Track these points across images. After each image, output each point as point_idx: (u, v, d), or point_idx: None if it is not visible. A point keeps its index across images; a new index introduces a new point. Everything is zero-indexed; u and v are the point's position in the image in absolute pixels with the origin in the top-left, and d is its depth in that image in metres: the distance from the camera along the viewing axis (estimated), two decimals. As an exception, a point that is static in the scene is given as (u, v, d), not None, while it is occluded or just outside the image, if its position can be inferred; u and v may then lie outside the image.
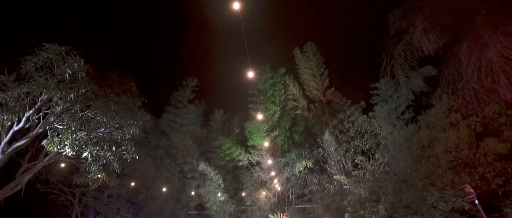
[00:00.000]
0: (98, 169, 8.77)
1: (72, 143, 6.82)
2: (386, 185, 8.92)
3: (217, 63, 18.86)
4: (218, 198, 13.07)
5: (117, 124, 8.63)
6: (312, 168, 14.18)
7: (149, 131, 15.09)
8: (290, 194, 14.22)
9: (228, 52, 17.82)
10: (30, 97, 6.85)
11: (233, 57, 15.30)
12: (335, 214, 12.14)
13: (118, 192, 14.10)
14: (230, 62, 17.42)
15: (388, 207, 8.62)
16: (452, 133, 6.95)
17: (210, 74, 19.50)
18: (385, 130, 12.93)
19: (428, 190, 6.86)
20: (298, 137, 15.15)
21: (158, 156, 14.47)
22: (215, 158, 14.47)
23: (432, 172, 7.05)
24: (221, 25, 13.75)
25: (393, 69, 11.84)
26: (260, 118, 12.75)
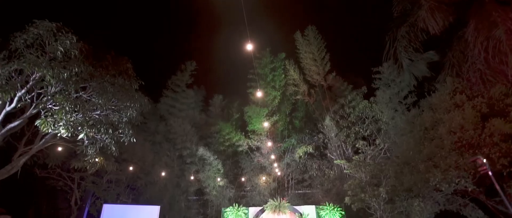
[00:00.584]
0: (95, 152, 8.63)
1: (66, 124, 6.64)
2: (387, 168, 8.79)
3: (216, 47, 18.54)
4: (218, 183, 13.01)
5: (113, 106, 8.43)
6: (312, 153, 14.09)
7: (148, 116, 14.92)
8: (290, 179, 14.17)
9: (228, 36, 17.47)
10: (22, 77, 6.64)
11: (232, 41, 14.99)
12: (335, 199, 12.10)
13: (117, 177, 14.04)
14: (229, 46, 17.10)
15: (389, 190, 8.53)
16: (457, 113, 6.76)
17: (210, 59, 19.21)
18: (386, 115, 12.76)
19: (430, 172, 6.72)
20: (298, 122, 15.00)
21: (157, 141, 14.33)
22: (214, 143, 14.35)
23: (435, 154, 6.90)
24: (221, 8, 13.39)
25: (396, 52, 11.54)
26: (260, 95, 12.46)
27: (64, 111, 6.40)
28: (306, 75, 14.69)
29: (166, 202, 13.25)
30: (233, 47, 15.67)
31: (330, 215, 11.14)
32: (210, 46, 19.60)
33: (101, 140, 8.56)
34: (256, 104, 13.58)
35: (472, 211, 8.02)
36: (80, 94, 7.66)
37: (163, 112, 14.65)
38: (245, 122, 14.25)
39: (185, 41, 20.55)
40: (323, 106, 14.59)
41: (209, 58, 19.41)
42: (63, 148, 10.77)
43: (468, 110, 6.67)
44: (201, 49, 18.49)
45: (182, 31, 21.79)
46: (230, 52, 16.37)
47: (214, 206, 13.35)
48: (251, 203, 12.67)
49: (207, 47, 19.32)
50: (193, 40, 19.25)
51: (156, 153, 13.89)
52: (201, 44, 19.13)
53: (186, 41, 18.87)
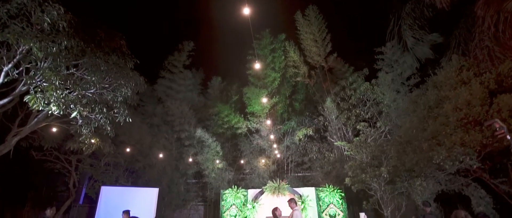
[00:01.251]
0: (90, 133, 8.41)
1: (57, 101, 6.37)
2: (389, 148, 8.62)
3: (215, 28, 18.06)
4: (216, 165, 12.89)
5: (107, 84, 8.16)
6: (312, 136, 13.92)
7: (145, 98, 14.69)
8: (289, 162, 14.07)
9: (227, 16, 16.96)
10: (9, 51, 6.33)
11: (231, 21, 14.51)
12: (335, 181, 12.01)
13: (115, 160, 13.94)
14: (228, 27, 16.63)
15: (391, 170, 8.38)
16: (464, 90, 6.50)
17: (208, 40, 18.76)
18: (388, 98, 12.53)
19: (434, 150, 6.52)
20: (298, 104, 14.75)
21: (155, 123, 14.13)
22: (213, 126, 14.15)
23: (439, 132, 6.68)
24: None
25: (400, 30, 11.18)
26: (258, 67, 12.11)
27: (54, 87, 6.11)
28: (306, 56, 14.32)
29: (165, 184, 13.19)
30: (232, 28, 15.23)
31: (330, 197, 11.08)
32: (208, 27, 19.09)
33: (96, 120, 8.32)
34: (255, 85, 13.28)
35: (474, 190, 7.88)
36: (72, 72, 7.38)
37: (160, 93, 14.36)
38: (244, 104, 13.99)
39: (182, 22, 19.99)
40: (324, 88, 14.32)
41: (208, 39, 18.95)
42: (58, 130, 10.55)
43: (476, 86, 6.40)
44: (199, 30, 18.00)
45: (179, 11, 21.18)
46: (229, 33, 15.92)
47: (213, 189, 13.29)
48: (251, 185, 12.59)
49: (205, 28, 18.80)
50: (190, 20, 18.70)
51: (154, 135, 13.71)
52: (199, 25, 18.58)
53: (183, 22, 18.34)
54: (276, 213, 6.13)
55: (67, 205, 12.89)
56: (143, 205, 11.36)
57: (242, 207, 11.21)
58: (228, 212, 11.31)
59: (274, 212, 6.16)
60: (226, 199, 11.57)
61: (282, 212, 6.30)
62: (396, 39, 11.96)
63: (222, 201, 11.60)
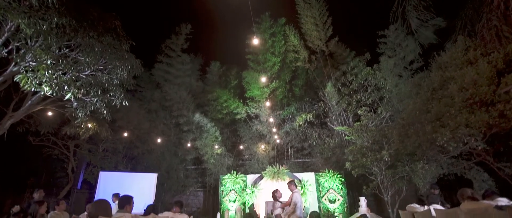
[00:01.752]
0: (85, 116, 8.24)
1: (49, 81, 6.16)
2: (390, 132, 8.45)
3: (213, 11, 17.63)
4: (215, 151, 12.77)
5: (102, 66, 7.93)
6: (312, 121, 13.76)
7: (143, 84, 14.46)
8: (289, 148, 13.96)
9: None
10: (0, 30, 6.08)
11: (230, 3, 14.11)
12: (335, 166, 11.92)
13: (114, 146, 13.86)
14: (227, 10, 16.22)
15: (392, 153, 8.24)
16: (470, 70, 6.27)
17: (206, 25, 18.36)
18: (390, 83, 12.30)
19: (438, 132, 6.35)
20: (298, 90, 14.52)
21: (153, 109, 13.94)
22: (212, 111, 13.96)
23: (443, 113, 6.49)
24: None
25: (404, 11, 10.81)
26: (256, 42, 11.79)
27: (45, 66, 5.89)
28: (307, 41, 13.99)
29: (164, 170, 13.12)
30: (231, 11, 14.84)
31: (330, 182, 11.00)
32: (206, 10, 18.65)
33: (91, 103, 8.15)
34: (255, 70, 13.02)
35: (476, 174, 7.78)
36: (65, 52, 7.13)
37: (158, 78, 14.10)
38: (243, 89, 13.76)
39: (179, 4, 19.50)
40: (324, 73, 14.05)
41: (206, 23, 18.54)
42: (55, 114, 10.39)
43: (483, 66, 6.16)
44: (197, 14, 17.55)
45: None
46: (228, 16, 15.53)
47: (212, 175, 13.23)
48: (250, 171, 12.52)
49: (203, 11, 18.35)
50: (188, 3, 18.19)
51: (152, 121, 13.55)
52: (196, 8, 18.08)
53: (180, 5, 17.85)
54: (276, 195, 6.04)
55: (66, 190, 12.88)
56: (142, 190, 11.31)
57: (241, 192, 11.16)
58: (227, 197, 11.27)
59: (274, 194, 6.07)
60: (225, 184, 11.51)
61: (282, 195, 6.21)
62: (399, 22, 11.60)
63: (221, 187, 11.54)
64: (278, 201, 5.97)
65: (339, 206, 10.57)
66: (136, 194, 8.86)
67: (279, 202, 5.98)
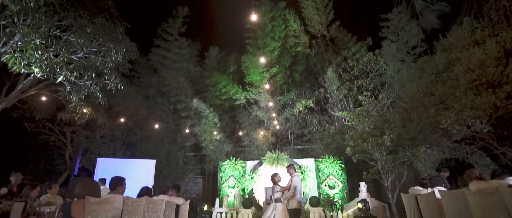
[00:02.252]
0: (79, 100, 8.03)
1: (39, 62, 5.91)
2: (392, 116, 8.26)
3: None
4: (214, 137, 12.62)
5: (95, 48, 7.66)
6: (312, 108, 13.58)
7: (140, 70, 14.20)
8: (289, 134, 13.82)
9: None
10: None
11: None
12: (335, 153, 11.80)
13: (111, 133, 13.72)
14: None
15: (394, 138, 8.08)
16: (478, 50, 6.02)
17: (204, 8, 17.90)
18: (392, 68, 12.03)
19: (442, 115, 6.15)
20: (298, 76, 14.25)
21: (150, 94, 13.71)
22: (210, 97, 13.74)
23: (448, 96, 6.28)
24: None
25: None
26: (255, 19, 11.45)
27: (33, 46, 5.63)
28: (307, 25, 13.64)
29: (162, 157, 13.00)
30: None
31: (330, 168, 10.91)
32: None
33: (86, 87, 7.91)
34: (254, 55, 12.72)
35: (479, 158, 7.64)
36: (56, 33, 6.85)
37: (156, 63, 13.80)
38: (242, 75, 13.50)
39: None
40: (325, 59, 13.77)
41: (204, 7, 18.06)
42: (49, 100, 10.18)
43: (491, 45, 5.91)
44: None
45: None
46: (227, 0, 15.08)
47: (212, 161, 13.14)
48: (249, 157, 12.41)
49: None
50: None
51: (150, 107, 13.35)
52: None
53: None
54: (275, 178, 5.90)
55: (64, 177, 12.82)
56: (140, 176, 11.20)
57: (240, 178, 11.08)
58: (226, 184, 11.20)
59: (273, 178, 5.94)
60: (224, 170, 11.43)
61: (281, 178, 6.08)
62: (403, 4, 11.28)
63: (220, 173, 11.46)
64: (278, 185, 5.84)
65: (339, 192, 10.51)
66: (134, 180, 8.73)
67: (278, 186, 5.85)
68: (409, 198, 4.79)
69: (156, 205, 3.98)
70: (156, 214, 4.00)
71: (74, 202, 2.75)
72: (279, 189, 5.78)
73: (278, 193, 5.74)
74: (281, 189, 5.77)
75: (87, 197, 2.68)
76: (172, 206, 4.62)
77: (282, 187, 5.83)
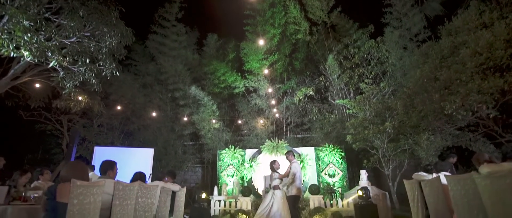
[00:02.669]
0: (74, 87, 7.82)
1: (28, 45, 5.68)
2: (395, 103, 8.07)
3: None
4: (213, 125, 12.45)
5: (88, 32, 7.40)
6: (312, 96, 13.38)
7: (137, 57, 13.93)
8: (288, 123, 13.66)
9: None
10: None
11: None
12: (335, 141, 11.63)
13: (109, 122, 13.56)
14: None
15: (396, 125, 7.91)
16: (486, 32, 5.78)
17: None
18: (394, 56, 11.78)
19: (446, 100, 5.96)
20: (298, 64, 13.98)
21: (148, 82, 13.47)
22: (209, 85, 13.50)
23: (453, 81, 6.08)
24: None
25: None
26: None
27: (22, 27, 5.38)
28: (308, 12, 13.29)
29: (161, 146, 12.85)
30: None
31: (330, 156, 10.76)
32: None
33: (80, 73, 7.70)
34: (253, 41, 12.41)
35: (482, 146, 7.48)
36: (46, 15, 6.59)
37: (153, 50, 13.49)
38: (241, 63, 13.23)
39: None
40: (326, 46, 13.48)
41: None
42: (43, 87, 9.95)
43: (500, 28, 5.67)
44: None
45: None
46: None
47: (210, 150, 13.02)
48: (248, 146, 12.26)
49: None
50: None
51: (147, 95, 13.15)
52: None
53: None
54: (274, 165, 5.75)
55: (62, 166, 12.71)
56: (138, 165, 11.05)
57: (239, 166, 10.96)
58: (225, 172, 11.09)
59: (272, 165, 5.78)
60: (223, 159, 11.30)
61: (280, 166, 5.92)
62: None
63: (219, 161, 11.34)
64: (276, 172, 5.69)
65: (339, 180, 10.40)
66: (132, 169, 8.52)
67: (277, 173, 5.70)
68: (412, 184, 4.63)
69: (150, 191, 3.82)
70: (150, 200, 3.85)
71: (59, 185, 2.58)
72: (278, 176, 5.63)
73: (277, 180, 5.59)
74: (280, 176, 5.62)
75: (73, 180, 2.49)
76: (168, 193, 4.47)
77: (281, 174, 5.68)
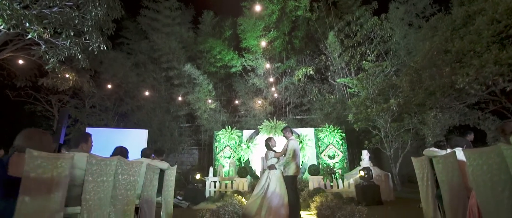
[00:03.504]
0: (58, 62, 7.30)
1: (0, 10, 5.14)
2: (400, 80, 7.61)
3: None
4: (209, 105, 12.00)
5: (70, 1, 6.81)
6: (312, 76, 12.89)
7: (129, 35, 13.30)
8: (287, 104, 13.24)
9: None
10: None
11: None
12: (335, 122, 11.26)
13: (101, 103, 13.11)
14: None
15: (401, 102, 7.49)
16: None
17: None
18: (398, 34, 11.20)
19: (458, 74, 5.51)
20: (298, 42, 13.37)
21: (141, 61, 12.88)
22: (204, 64, 12.94)
23: (467, 52, 5.60)
24: None
25: None
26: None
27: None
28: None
29: (155, 127, 12.44)
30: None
31: (330, 137, 10.42)
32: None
33: (64, 47, 7.17)
34: (251, 17, 11.75)
35: (492, 124, 7.10)
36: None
37: (145, 26, 12.81)
38: (238, 41, 12.61)
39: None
40: (327, 24, 12.84)
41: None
42: (28, 64, 9.42)
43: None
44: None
45: None
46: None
47: (207, 131, 12.65)
48: (246, 127, 11.88)
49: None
50: None
51: (140, 75, 12.60)
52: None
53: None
54: (269, 143, 5.30)
55: (53, 147, 12.33)
56: (131, 146, 10.62)
57: (236, 148, 10.62)
58: (222, 154, 10.77)
59: (267, 143, 5.33)
60: (220, 140, 10.95)
61: (276, 144, 5.48)
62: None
63: (216, 143, 10.99)
64: (272, 151, 5.22)
65: (339, 162, 10.10)
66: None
67: (273, 151, 5.23)
68: (422, 161, 4.24)
69: (132, 167, 3.41)
70: (133, 178, 3.45)
71: (12, 156, 2.15)
72: (273, 154, 5.17)
73: (273, 159, 5.12)
74: (276, 154, 5.16)
75: (28, 150, 2.04)
76: (155, 171, 4.08)
77: (277, 152, 5.24)
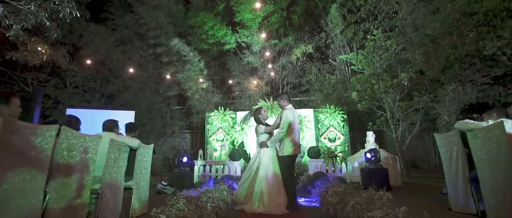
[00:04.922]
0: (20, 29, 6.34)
1: None
2: (412, 52, 6.76)
3: None
4: (200, 85, 11.11)
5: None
6: (311, 54, 12.00)
7: (113, 10, 12.19)
8: (285, 84, 12.39)
9: None
10: None
11: None
12: (336, 104, 10.48)
13: (86, 83, 12.17)
14: None
15: (414, 77, 6.68)
16: None
17: None
18: (405, 9, 10.24)
19: (486, 39, 4.67)
20: (297, 18, 12.37)
21: (126, 37, 11.83)
22: (195, 41, 11.94)
23: (498, 12, 4.74)
24: None
25: None
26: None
27: None
28: (309, -44, 11.50)
29: (144, 109, 11.56)
30: None
31: (330, 119, 9.64)
32: None
33: (28, 11, 6.20)
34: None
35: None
36: None
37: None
38: (232, 16, 11.56)
39: None
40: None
41: None
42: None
43: None
44: None
45: None
46: None
47: (199, 113, 11.82)
48: (240, 109, 11.06)
49: None
50: None
51: (126, 52, 11.59)
52: None
53: None
54: (259, 116, 4.41)
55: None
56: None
57: (230, 130, 9.83)
58: (214, 137, 9.98)
59: (256, 115, 4.43)
60: (212, 122, 10.14)
61: (268, 116, 4.62)
62: None
63: (208, 125, 10.18)
64: (262, 125, 4.34)
65: (340, 145, 9.38)
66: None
67: (264, 124, 4.36)
68: (450, 137, 3.48)
69: (84, 142, 2.59)
70: (86, 155, 2.63)
71: None
72: (264, 130, 4.31)
73: (264, 135, 4.23)
74: (266, 129, 4.28)
75: None
76: (121, 148, 3.26)
77: (269, 125, 4.37)
